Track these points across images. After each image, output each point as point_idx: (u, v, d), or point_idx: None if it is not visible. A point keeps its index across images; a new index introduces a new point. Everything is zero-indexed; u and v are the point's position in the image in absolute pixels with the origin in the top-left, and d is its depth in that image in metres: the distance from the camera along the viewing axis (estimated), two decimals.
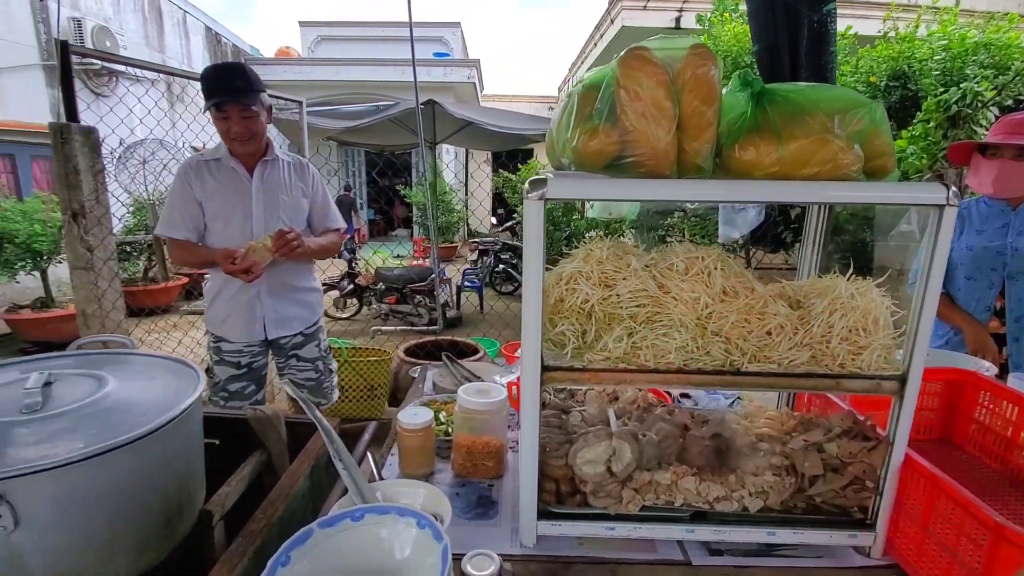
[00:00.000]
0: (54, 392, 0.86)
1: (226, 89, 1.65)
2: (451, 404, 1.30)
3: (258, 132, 1.76)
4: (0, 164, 5.58)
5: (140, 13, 7.67)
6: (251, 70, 1.73)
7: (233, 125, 1.70)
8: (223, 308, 1.89)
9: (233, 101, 1.66)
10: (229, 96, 1.65)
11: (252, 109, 1.69)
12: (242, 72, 1.69)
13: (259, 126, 1.76)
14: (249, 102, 1.67)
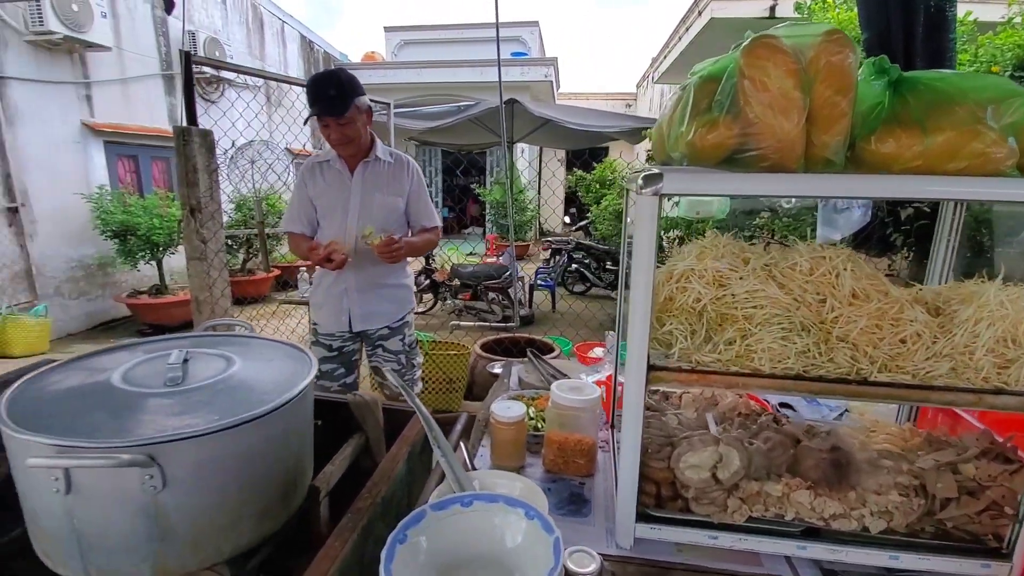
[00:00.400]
0: (190, 368, 0.94)
1: (320, 99, 1.75)
2: (540, 400, 1.30)
3: (354, 137, 1.85)
4: (126, 164, 6.23)
5: (244, 25, 8.31)
6: (346, 77, 1.80)
7: (332, 132, 1.82)
8: (319, 297, 2.06)
9: (325, 113, 1.77)
10: (320, 108, 1.76)
11: (345, 116, 1.78)
12: (336, 81, 1.76)
13: (354, 131, 1.84)
14: (338, 112, 1.76)
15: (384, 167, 1.99)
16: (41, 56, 5.06)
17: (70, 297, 5.43)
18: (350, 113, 1.78)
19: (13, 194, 4.88)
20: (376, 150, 1.96)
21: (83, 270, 5.55)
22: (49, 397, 0.84)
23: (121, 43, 5.88)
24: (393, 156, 2.03)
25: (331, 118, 1.78)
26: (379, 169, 1.98)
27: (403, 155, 2.05)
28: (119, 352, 1.04)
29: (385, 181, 1.98)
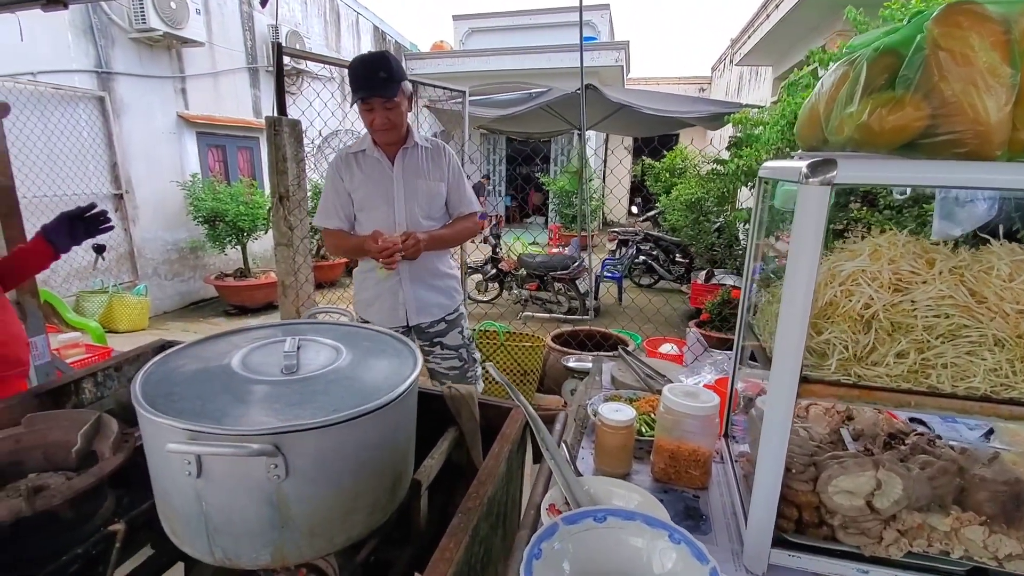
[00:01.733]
0: (302, 357, 0.95)
1: (369, 81, 1.67)
2: (640, 402, 1.24)
3: (398, 123, 1.78)
4: (215, 153, 6.62)
5: (322, 17, 8.57)
6: (394, 59, 1.72)
7: (376, 117, 1.74)
8: (369, 293, 1.97)
9: (375, 95, 1.69)
10: (370, 91, 1.68)
11: (394, 100, 1.71)
12: (384, 63, 1.68)
13: (400, 116, 1.77)
14: (391, 94, 1.69)
15: (422, 153, 1.91)
16: (143, 52, 5.43)
17: (165, 278, 5.85)
18: (398, 97, 1.72)
19: (119, 182, 5.30)
20: (414, 136, 1.88)
21: (177, 253, 5.96)
22: (177, 379, 0.87)
23: (212, 38, 6.21)
24: (430, 142, 1.95)
25: (379, 100, 1.69)
26: (418, 155, 1.90)
27: (438, 141, 1.97)
28: (233, 337, 1.07)
29: (426, 167, 1.90)
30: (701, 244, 6.67)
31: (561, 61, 11.03)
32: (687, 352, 2.86)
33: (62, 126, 4.74)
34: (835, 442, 0.90)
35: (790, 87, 4.32)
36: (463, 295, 2.08)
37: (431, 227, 1.89)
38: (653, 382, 1.34)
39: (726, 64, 12.45)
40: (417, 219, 1.87)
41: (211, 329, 5.32)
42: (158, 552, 1.08)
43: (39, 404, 1.14)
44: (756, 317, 0.92)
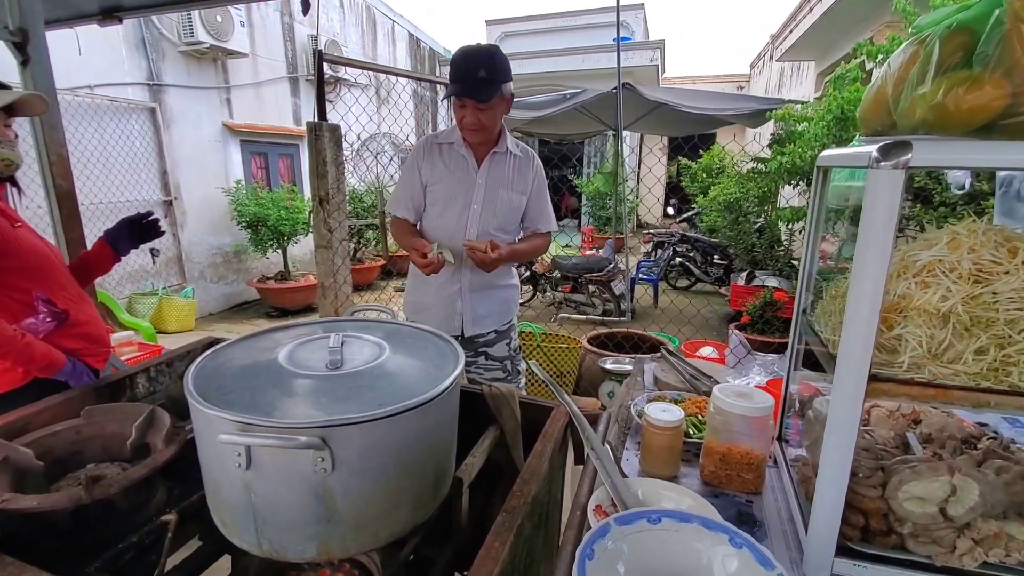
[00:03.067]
0: (346, 353, 0.95)
1: (465, 80, 1.56)
2: (686, 402, 1.20)
3: (490, 126, 1.65)
4: (258, 161, 6.83)
5: (359, 26, 8.77)
6: (500, 57, 1.59)
7: (467, 115, 1.62)
8: (426, 298, 1.84)
9: (467, 96, 1.57)
10: (464, 91, 1.57)
11: (488, 103, 1.58)
12: (487, 60, 1.55)
13: (493, 119, 1.64)
14: (484, 98, 1.57)
15: (511, 160, 1.77)
16: (191, 64, 5.65)
17: (211, 281, 6.07)
18: (495, 100, 1.59)
19: (168, 189, 5.53)
20: (506, 140, 1.75)
21: (221, 257, 6.17)
22: (227, 374, 0.88)
23: (255, 49, 6.42)
24: (520, 149, 1.81)
25: (472, 101, 1.58)
26: (506, 162, 1.77)
27: (529, 149, 1.84)
28: (278, 333, 1.08)
29: (510, 176, 1.77)
30: (741, 245, 6.49)
31: (596, 62, 10.97)
32: (729, 355, 2.78)
33: (116, 136, 4.99)
34: (900, 447, 0.85)
35: (836, 81, 4.17)
36: (519, 307, 1.98)
37: (504, 240, 1.76)
38: (698, 383, 1.30)
39: (766, 61, 12.13)
40: (490, 230, 1.75)
41: (253, 329, 5.48)
42: (206, 543, 1.11)
43: (97, 397, 1.19)
44: (815, 314, 0.87)
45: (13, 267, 1.28)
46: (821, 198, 0.98)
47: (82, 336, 1.43)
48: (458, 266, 1.74)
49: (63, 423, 1.08)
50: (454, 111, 1.67)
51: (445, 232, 1.75)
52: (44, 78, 1.69)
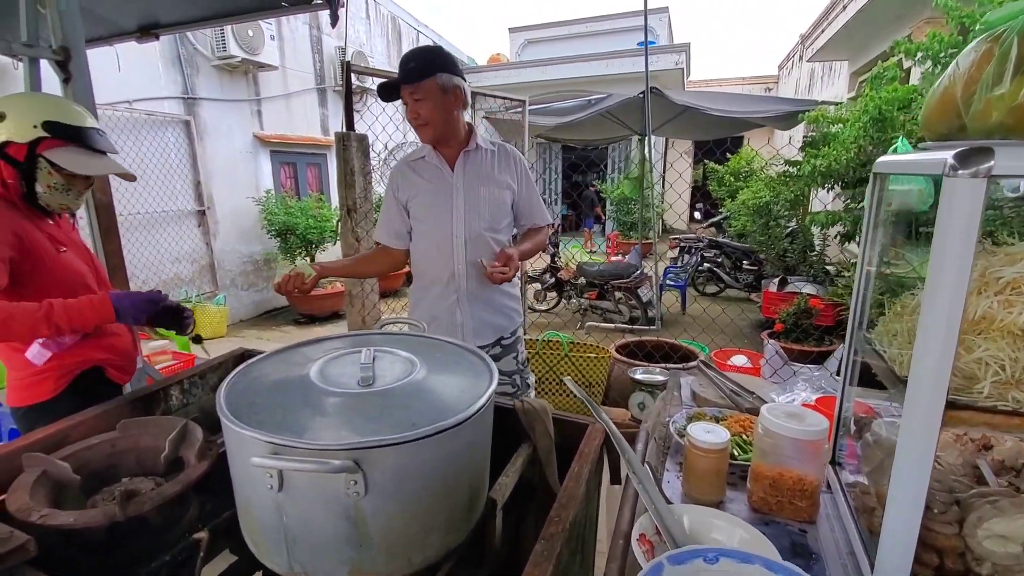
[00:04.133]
0: (377, 369, 0.93)
1: (400, 73, 1.53)
2: (726, 420, 1.14)
3: (431, 118, 1.56)
4: (287, 170, 6.97)
5: (385, 37, 8.90)
6: (435, 53, 1.56)
7: (409, 111, 1.57)
8: (426, 312, 1.76)
9: (402, 83, 1.53)
10: (394, 81, 1.54)
11: (418, 86, 1.51)
12: (417, 54, 1.55)
13: (431, 111, 1.55)
14: (411, 80, 1.51)
15: (487, 156, 1.71)
16: (223, 78, 5.80)
17: (242, 288, 6.19)
18: (426, 84, 1.51)
19: (202, 199, 5.67)
20: (475, 138, 1.70)
21: (252, 265, 6.30)
22: (258, 390, 0.87)
23: (285, 62, 6.56)
24: (496, 145, 1.76)
25: (406, 92, 1.53)
26: (482, 159, 1.70)
27: (507, 145, 1.79)
28: (308, 348, 1.07)
29: (489, 172, 1.70)
30: (772, 251, 6.33)
31: (621, 66, 10.90)
32: (765, 366, 2.69)
33: (153, 149, 5.14)
34: (972, 477, 0.79)
35: (873, 80, 4.03)
36: (523, 317, 1.96)
37: (495, 240, 1.71)
38: (740, 399, 1.24)
39: (795, 62, 11.89)
40: (478, 231, 1.68)
41: (283, 336, 5.57)
42: (240, 559, 1.10)
43: (132, 409, 1.19)
44: (877, 331, 0.82)
45: (47, 285, 1.32)
46: (878, 205, 0.91)
47: (109, 348, 1.45)
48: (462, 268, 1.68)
49: (99, 436, 1.08)
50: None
51: (434, 245, 1.69)
52: (85, 94, 1.72)
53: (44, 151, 1.31)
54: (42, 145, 1.30)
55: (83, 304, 1.28)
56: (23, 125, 1.29)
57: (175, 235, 5.43)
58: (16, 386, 1.38)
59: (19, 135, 1.29)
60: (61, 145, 1.32)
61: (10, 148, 1.29)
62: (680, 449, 1.08)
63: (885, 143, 3.92)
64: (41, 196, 1.35)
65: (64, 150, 1.32)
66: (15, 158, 1.30)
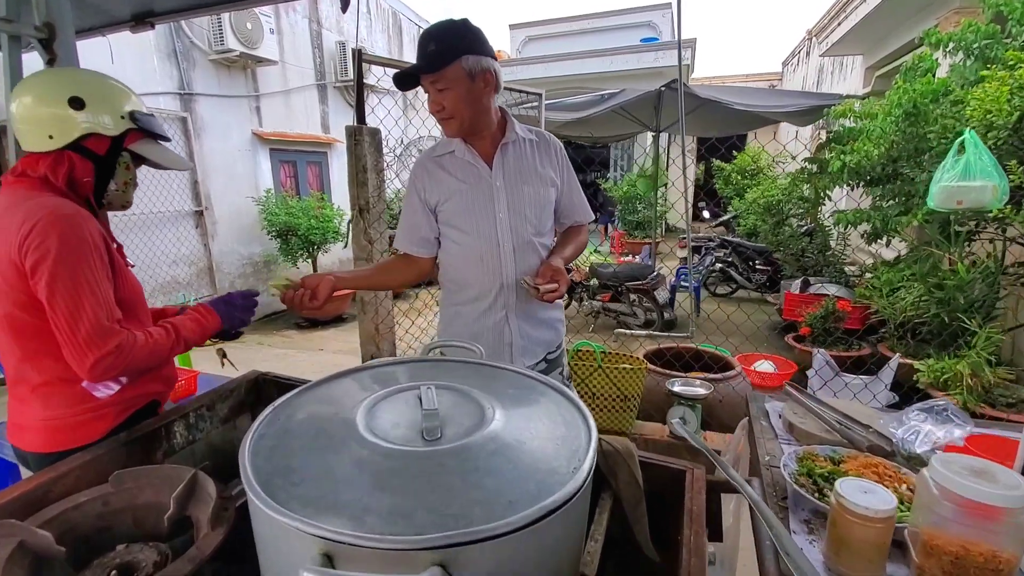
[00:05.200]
0: (442, 412, 0.73)
1: (417, 58, 1.29)
2: (846, 461, 0.95)
3: (456, 110, 1.33)
4: (287, 169, 6.75)
5: (386, 32, 8.69)
6: (459, 28, 1.30)
7: (431, 102, 1.34)
8: (466, 330, 1.51)
9: (421, 71, 1.29)
10: (413, 69, 1.30)
11: (439, 75, 1.28)
12: (436, 34, 1.29)
13: (456, 103, 1.31)
14: (431, 69, 1.27)
15: (527, 147, 1.48)
16: (221, 73, 5.58)
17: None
18: (450, 71, 1.27)
19: (200, 199, 5.45)
20: (515, 127, 1.46)
21: (251, 266, 6.08)
22: (294, 447, 0.67)
23: (284, 57, 6.35)
24: (535, 132, 1.53)
25: (426, 81, 1.30)
26: (522, 151, 1.47)
27: (544, 132, 1.57)
28: (346, 380, 0.87)
29: (531, 167, 1.47)
30: (788, 250, 6.15)
31: (624, 63, 10.74)
32: (814, 377, 2.50)
33: None
34: None
35: (907, 73, 3.84)
36: (564, 326, 1.69)
37: (543, 245, 1.50)
38: (852, 434, 1.04)
39: (801, 58, 11.75)
40: (527, 237, 1.44)
41: (284, 342, 5.35)
42: None
43: (127, 455, 0.99)
44: None
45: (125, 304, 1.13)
46: None
47: (164, 379, 1.26)
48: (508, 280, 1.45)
49: (88, 492, 0.88)
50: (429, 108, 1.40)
51: (476, 254, 1.45)
52: None
53: (131, 144, 1.15)
54: (130, 138, 1.14)
55: (194, 319, 1.19)
56: (111, 115, 1.11)
57: (172, 237, 5.21)
58: (58, 426, 1.11)
59: (106, 126, 1.10)
60: (143, 137, 1.17)
61: (90, 141, 1.09)
62: (801, 501, 0.89)
63: (920, 138, 3.74)
64: (110, 194, 1.18)
65: (147, 143, 1.18)
66: (94, 151, 1.11)
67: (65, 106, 1.06)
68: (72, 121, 1.06)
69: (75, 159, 1.08)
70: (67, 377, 1.09)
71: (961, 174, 2.00)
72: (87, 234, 1.03)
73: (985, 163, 1.98)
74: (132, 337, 1.05)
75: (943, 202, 2.04)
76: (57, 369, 1.08)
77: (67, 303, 0.99)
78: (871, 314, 4.19)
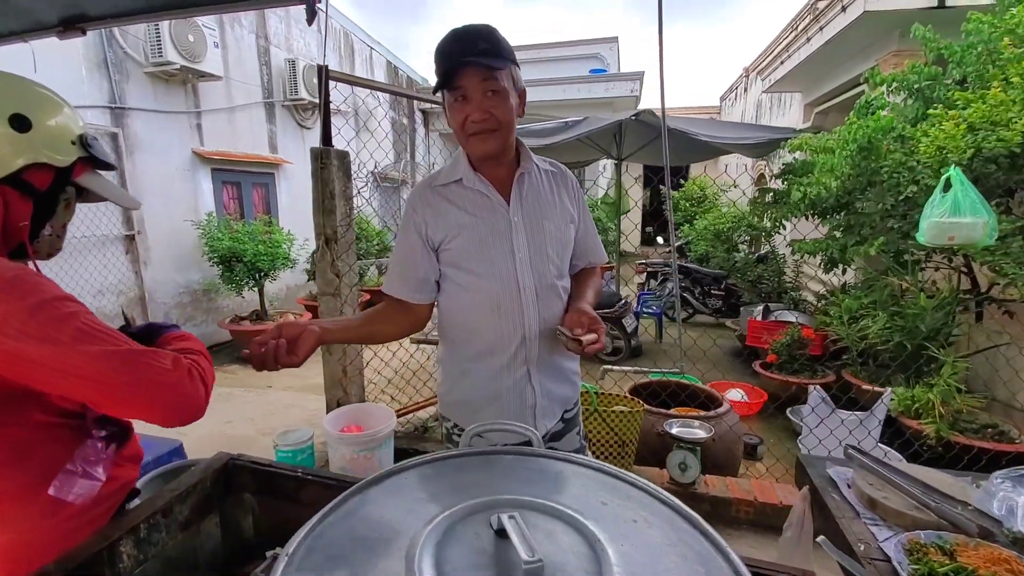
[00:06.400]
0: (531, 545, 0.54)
1: (462, 53, 1.09)
2: (964, 551, 0.82)
3: (505, 121, 1.14)
4: (230, 191, 6.30)
5: (338, 52, 8.42)
6: (500, 34, 1.14)
7: (471, 109, 1.12)
8: (480, 392, 1.30)
9: (472, 65, 1.08)
10: (464, 62, 1.08)
11: (495, 76, 1.10)
12: (488, 35, 1.11)
13: (506, 111, 1.14)
14: (496, 66, 1.09)
15: (544, 180, 1.31)
16: (158, 87, 5.15)
17: (178, 323, 5.44)
18: (504, 73, 1.11)
19: (131, 222, 4.94)
20: (531, 156, 1.29)
21: (189, 296, 5.56)
22: None
23: (229, 72, 5.97)
24: (551, 163, 1.36)
25: (475, 77, 1.10)
26: (539, 184, 1.29)
27: (559, 163, 1.39)
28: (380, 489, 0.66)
29: (550, 200, 1.29)
30: (745, 277, 6.30)
31: (576, 92, 10.92)
32: (810, 415, 2.44)
33: None
34: None
35: (860, 109, 4.02)
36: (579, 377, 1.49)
37: (565, 290, 1.31)
38: (955, 515, 0.91)
39: (739, 93, 12.41)
40: (550, 280, 1.26)
41: (228, 379, 4.87)
42: None
43: None
44: None
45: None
46: None
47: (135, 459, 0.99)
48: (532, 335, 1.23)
49: None
50: (453, 118, 1.17)
51: (492, 300, 1.23)
52: None
53: (78, 176, 0.89)
54: (77, 169, 0.88)
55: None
56: (61, 140, 0.85)
57: (97, 263, 4.68)
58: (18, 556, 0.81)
59: (55, 154, 0.84)
60: (90, 168, 0.92)
61: (32, 173, 0.82)
62: None
63: (871, 171, 3.90)
64: (41, 241, 0.89)
65: (93, 174, 0.93)
66: (36, 186, 0.82)
67: (5, 125, 0.79)
68: (14, 147, 0.79)
69: (12, 197, 0.80)
70: (29, 484, 0.81)
71: (951, 210, 2.02)
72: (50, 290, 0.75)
73: (973, 199, 2.00)
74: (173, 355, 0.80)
75: (934, 238, 2.05)
76: (16, 477, 0.80)
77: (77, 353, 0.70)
78: (832, 341, 4.29)
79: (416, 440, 2.69)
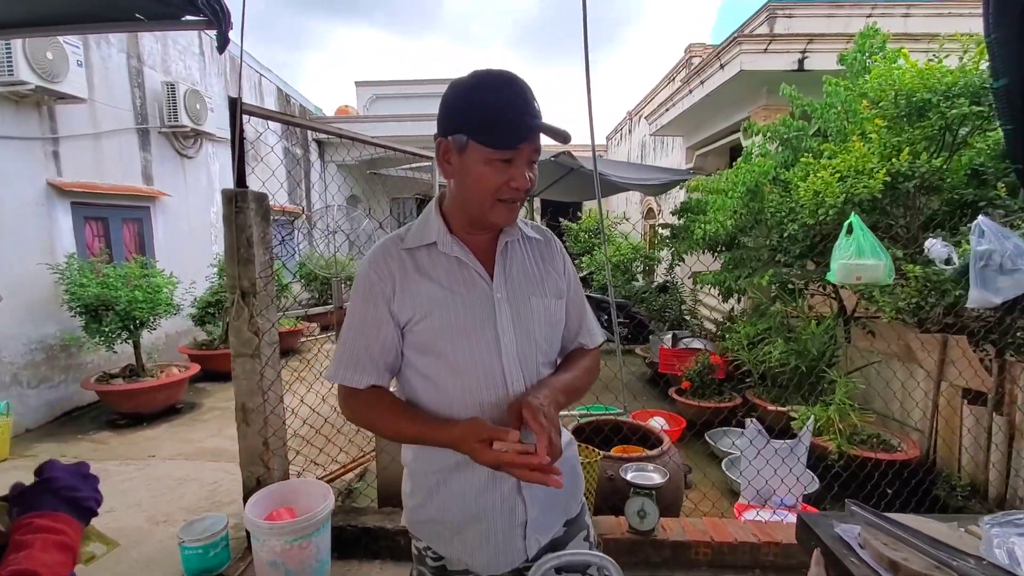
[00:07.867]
0: None
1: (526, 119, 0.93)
2: None
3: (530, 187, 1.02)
4: (94, 228, 5.48)
5: (223, 77, 7.81)
6: None
7: (516, 175, 0.95)
8: (459, 511, 1.06)
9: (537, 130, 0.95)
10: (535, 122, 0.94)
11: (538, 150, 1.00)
12: (532, 94, 0.97)
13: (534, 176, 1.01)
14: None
15: (529, 248, 1.13)
16: (6, 109, 4.38)
17: (28, 386, 4.54)
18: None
19: None
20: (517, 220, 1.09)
21: (44, 352, 4.68)
22: None
23: (95, 95, 5.26)
24: (535, 229, 1.18)
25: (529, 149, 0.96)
26: (524, 254, 1.12)
27: (540, 226, 1.21)
28: None
29: (536, 273, 1.11)
30: (651, 305, 6.67)
31: None
32: (748, 447, 2.56)
33: None
34: None
35: (747, 156, 4.48)
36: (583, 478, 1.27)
37: (547, 376, 1.08)
38: (972, 571, 0.96)
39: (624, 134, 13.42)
40: (536, 368, 1.05)
41: (96, 450, 4.11)
42: None
43: None
44: None
45: None
46: None
47: None
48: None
49: None
50: (485, 178, 0.95)
51: (471, 402, 1.01)
52: None
53: None
54: None
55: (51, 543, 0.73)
56: None
57: None
58: None
59: None
60: None
61: None
62: None
63: (760, 211, 4.35)
64: None
65: None
66: None
67: None
68: None
69: None
70: None
71: (855, 253, 2.27)
72: None
73: (872, 243, 2.27)
74: None
75: (843, 278, 2.29)
76: None
77: None
78: (735, 365, 4.64)
79: (352, 515, 2.40)
